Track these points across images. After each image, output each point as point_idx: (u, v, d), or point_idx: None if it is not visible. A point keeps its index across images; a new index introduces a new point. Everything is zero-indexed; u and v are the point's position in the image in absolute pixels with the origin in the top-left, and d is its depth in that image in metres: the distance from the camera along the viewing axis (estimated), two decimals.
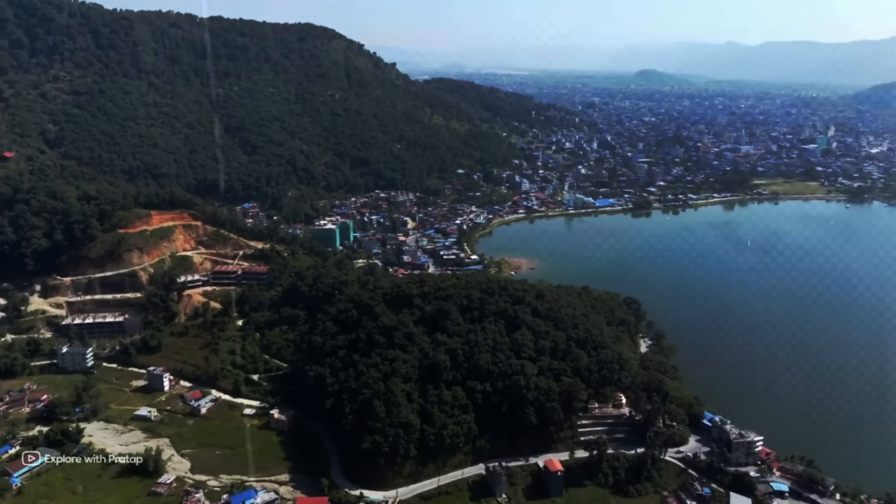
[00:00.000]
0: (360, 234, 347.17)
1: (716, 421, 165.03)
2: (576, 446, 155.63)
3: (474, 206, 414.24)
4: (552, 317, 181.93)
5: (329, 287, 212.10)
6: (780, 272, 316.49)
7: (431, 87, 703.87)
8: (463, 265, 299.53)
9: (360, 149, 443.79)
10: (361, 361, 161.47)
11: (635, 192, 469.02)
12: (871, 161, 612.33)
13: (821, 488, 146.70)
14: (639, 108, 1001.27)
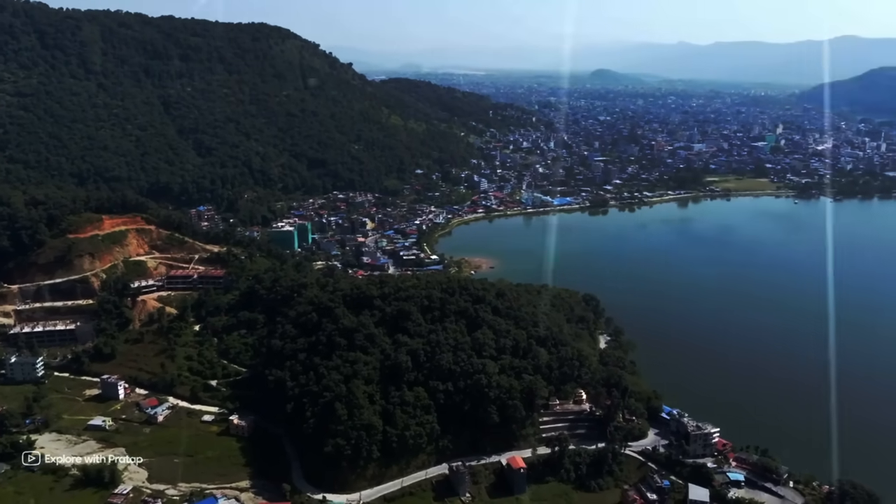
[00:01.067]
0: (319, 235, 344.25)
1: (674, 414, 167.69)
2: (538, 443, 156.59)
3: (433, 206, 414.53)
4: (513, 315, 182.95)
5: (288, 290, 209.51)
6: (734, 266, 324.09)
7: (388, 87, 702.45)
8: (423, 265, 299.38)
9: (317, 150, 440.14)
10: (322, 364, 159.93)
11: (592, 191, 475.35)
12: (817, 158, 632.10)
13: (775, 477, 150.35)
14: (594, 107, 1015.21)
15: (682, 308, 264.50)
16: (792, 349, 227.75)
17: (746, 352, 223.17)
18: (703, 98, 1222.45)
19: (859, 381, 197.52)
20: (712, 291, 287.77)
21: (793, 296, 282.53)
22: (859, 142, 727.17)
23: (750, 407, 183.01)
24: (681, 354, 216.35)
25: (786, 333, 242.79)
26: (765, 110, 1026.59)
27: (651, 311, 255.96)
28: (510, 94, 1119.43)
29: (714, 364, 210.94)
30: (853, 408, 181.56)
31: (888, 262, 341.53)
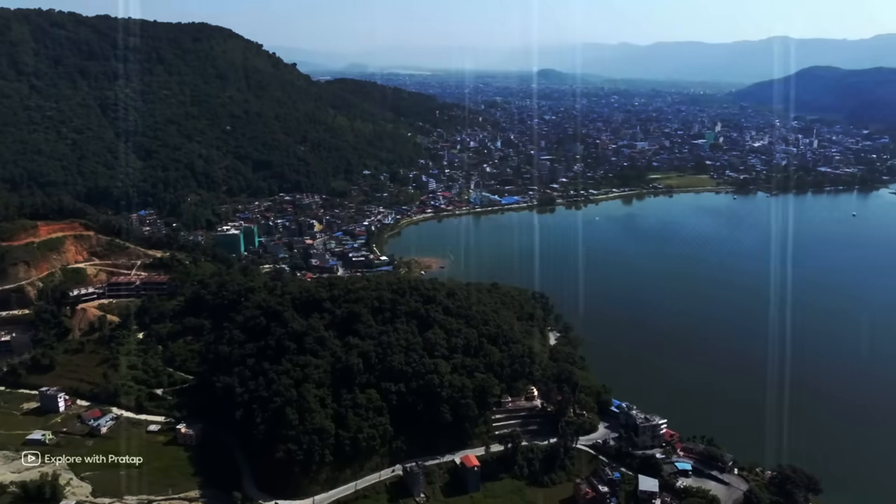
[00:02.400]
0: (266, 238, 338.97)
1: (623, 407, 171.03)
2: (491, 441, 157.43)
3: (382, 206, 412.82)
4: (463, 314, 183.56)
5: (235, 294, 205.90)
6: (677, 261, 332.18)
7: (334, 87, 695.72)
8: (372, 267, 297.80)
9: (262, 151, 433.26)
10: (272, 369, 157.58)
11: (539, 189, 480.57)
12: (754, 154, 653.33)
13: (721, 464, 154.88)
14: (540, 106, 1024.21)
15: (629, 303, 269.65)
16: (735, 340, 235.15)
17: (691, 343, 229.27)
18: (645, 97, 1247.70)
19: (800, 370, 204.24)
20: (657, 286, 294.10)
21: (734, 289, 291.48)
22: (793, 139, 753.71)
23: (696, 397, 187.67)
24: (628, 348, 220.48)
25: (729, 325, 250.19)
26: (704, 109, 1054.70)
27: (599, 306, 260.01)
28: (457, 94, 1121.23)
29: (660, 356, 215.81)
30: (795, 395, 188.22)
31: (825, 254, 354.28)
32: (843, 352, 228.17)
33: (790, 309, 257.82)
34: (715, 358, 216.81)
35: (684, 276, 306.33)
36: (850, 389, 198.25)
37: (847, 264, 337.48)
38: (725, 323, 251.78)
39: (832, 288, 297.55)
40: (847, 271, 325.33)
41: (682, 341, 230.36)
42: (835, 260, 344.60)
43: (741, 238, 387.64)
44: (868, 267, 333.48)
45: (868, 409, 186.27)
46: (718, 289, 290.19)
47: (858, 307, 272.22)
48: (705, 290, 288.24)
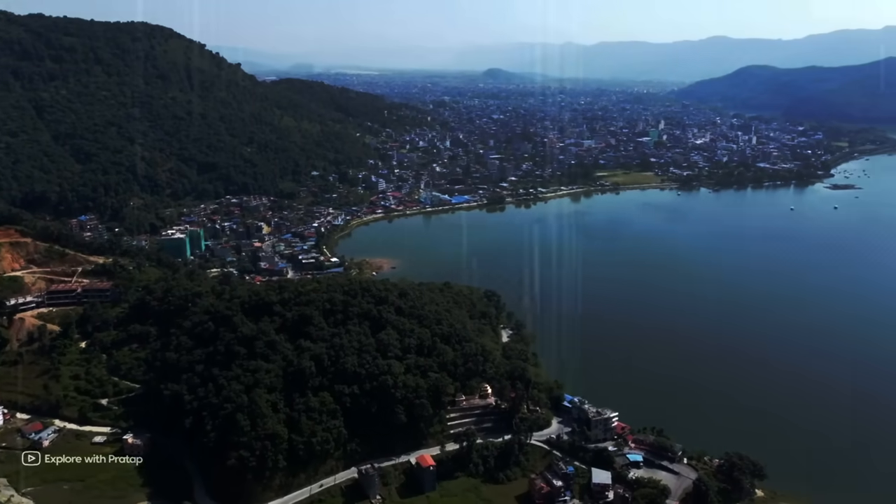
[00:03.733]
0: (213, 242, 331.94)
1: (575, 402, 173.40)
2: (446, 440, 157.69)
3: (331, 207, 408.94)
4: (416, 314, 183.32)
5: (181, 300, 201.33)
6: (624, 256, 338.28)
7: (280, 87, 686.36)
8: (323, 268, 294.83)
9: (207, 153, 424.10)
10: (221, 375, 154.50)
11: (489, 188, 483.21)
12: (696, 151, 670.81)
13: (671, 455, 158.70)
14: (488, 106, 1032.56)
15: (579, 299, 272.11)
16: (681, 330, 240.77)
17: (640, 336, 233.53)
18: (591, 96, 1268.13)
19: (744, 357, 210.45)
20: (605, 280, 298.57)
21: (682, 282, 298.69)
22: (733, 135, 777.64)
23: (645, 390, 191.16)
24: (580, 343, 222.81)
25: (675, 316, 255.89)
26: (648, 107, 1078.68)
27: (550, 302, 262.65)
28: (405, 94, 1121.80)
29: (610, 349, 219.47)
30: (739, 383, 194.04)
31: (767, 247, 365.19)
32: (789, 339, 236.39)
33: (735, 298, 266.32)
34: (664, 349, 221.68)
35: (633, 271, 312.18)
36: (792, 375, 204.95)
37: (789, 256, 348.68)
38: (672, 315, 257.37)
39: (775, 279, 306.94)
40: (789, 262, 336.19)
41: (632, 335, 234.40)
42: (776, 252, 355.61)
43: (686, 233, 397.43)
44: (807, 257, 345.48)
45: (808, 394, 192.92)
46: (666, 282, 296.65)
47: (801, 296, 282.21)
48: (653, 284, 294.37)
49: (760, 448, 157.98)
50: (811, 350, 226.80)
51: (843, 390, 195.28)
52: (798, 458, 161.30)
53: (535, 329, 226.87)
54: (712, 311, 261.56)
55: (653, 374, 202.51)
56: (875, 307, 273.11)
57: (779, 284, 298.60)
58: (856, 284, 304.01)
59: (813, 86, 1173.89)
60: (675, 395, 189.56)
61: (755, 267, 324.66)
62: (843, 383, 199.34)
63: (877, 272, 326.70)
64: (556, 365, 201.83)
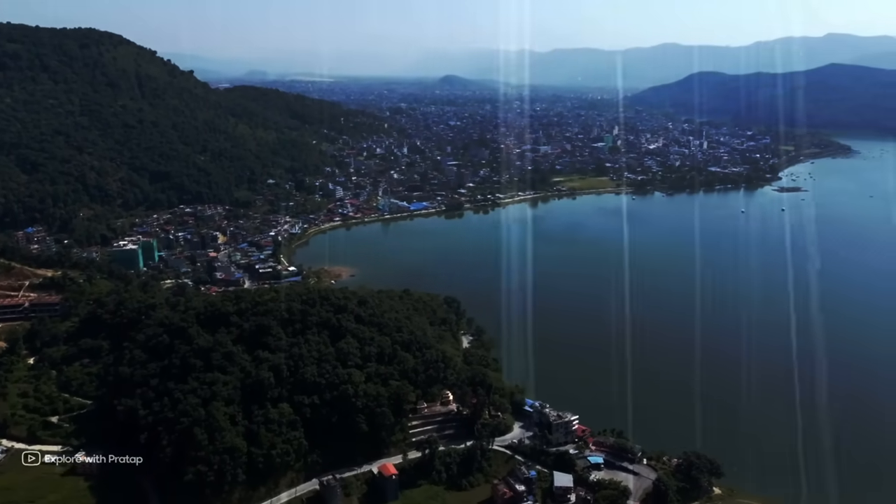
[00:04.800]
0: (166, 252, 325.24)
1: (536, 406, 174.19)
2: (408, 448, 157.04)
3: (288, 216, 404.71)
4: (376, 322, 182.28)
5: (134, 312, 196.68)
6: (581, 260, 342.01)
7: (234, 95, 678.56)
8: (280, 278, 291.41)
9: (159, 162, 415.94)
10: (177, 388, 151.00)
11: (447, 195, 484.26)
12: (650, 156, 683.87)
13: (630, 456, 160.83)
14: (444, 112, 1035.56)
15: (536, 302, 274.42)
16: (638, 332, 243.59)
17: (597, 339, 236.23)
18: (546, 102, 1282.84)
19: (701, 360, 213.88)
20: (563, 284, 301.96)
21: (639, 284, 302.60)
22: (685, 140, 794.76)
23: (604, 392, 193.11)
24: (540, 346, 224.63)
25: (633, 318, 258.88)
26: (602, 113, 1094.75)
27: (510, 307, 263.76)
28: (361, 101, 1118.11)
29: (569, 353, 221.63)
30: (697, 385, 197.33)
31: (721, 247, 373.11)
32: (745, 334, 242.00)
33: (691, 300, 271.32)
34: (620, 352, 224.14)
35: (589, 276, 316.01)
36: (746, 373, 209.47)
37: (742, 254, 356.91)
38: (630, 317, 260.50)
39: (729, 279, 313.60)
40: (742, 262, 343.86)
41: (587, 338, 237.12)
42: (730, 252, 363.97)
43: (642, 236, 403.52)
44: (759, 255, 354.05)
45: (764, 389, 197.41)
46: (623, 284, 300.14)
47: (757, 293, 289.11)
48: (606, 287, 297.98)
49: (718, 446, 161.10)
50: (768, 345, 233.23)
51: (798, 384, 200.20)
52: (754, 455, 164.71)
53: (496, 334, 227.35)
54: (671, 310, 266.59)
55: (612, 375, 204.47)
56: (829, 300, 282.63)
57: (734, 282, 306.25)
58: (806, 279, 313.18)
59: (760, 91, 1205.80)
60: (635, 396, 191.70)
61: (711, 266, 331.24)
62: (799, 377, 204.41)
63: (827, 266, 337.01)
64: (517, 369, 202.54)
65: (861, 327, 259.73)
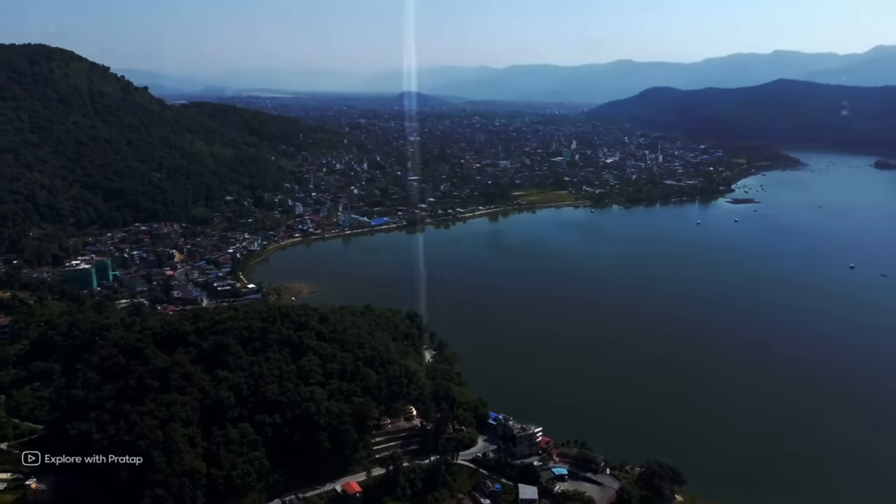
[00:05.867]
0: (121, 271, 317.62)
1: (500, 419, 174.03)
2: (372, 465, 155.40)
3: (247, 233, 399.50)
4: (338, 339, 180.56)
5: (88, 333, 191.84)
6: (541, 274, 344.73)
7: (190, 111, 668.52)
8: (240, 295, 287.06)
9: (113, 180, 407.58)
10: (133, 410, 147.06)
11: (408, 210, 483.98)
12: (607, 170, 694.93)
13: (594, 466, 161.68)
14: (404, 128, 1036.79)
15: (497, 315, 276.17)
16: (596, 342, 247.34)
17: (559, 350, 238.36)
18: (505, 118, 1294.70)
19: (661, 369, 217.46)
20: (523, 297, 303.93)
21: (598, 294, 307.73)
22: (641, 154, 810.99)
23: (566, 404, 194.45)
24: (503, 359, 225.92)
25: (591, 329, 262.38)
26: (559, 128, 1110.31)
27: (471, 321, 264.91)
28: (320, 117, 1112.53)
29: (532, 365, 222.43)
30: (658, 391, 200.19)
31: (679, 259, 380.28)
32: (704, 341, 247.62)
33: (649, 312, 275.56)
34: (582, 363, 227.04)
35: (549, 288, 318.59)
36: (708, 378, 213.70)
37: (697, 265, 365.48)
38: (588, 328, 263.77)
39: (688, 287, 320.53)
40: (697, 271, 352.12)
41: (549, 350, 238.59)
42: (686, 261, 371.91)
43: (602, 249, 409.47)
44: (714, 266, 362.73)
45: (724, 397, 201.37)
46: (578, 298, 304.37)
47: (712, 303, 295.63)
48: (567, 299, 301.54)
49: (680, 454, 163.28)
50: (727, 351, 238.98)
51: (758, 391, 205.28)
52: (716, 462, 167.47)
53: (458, 348, 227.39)
54: (634, 319, 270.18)
55: (574, 386, 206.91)
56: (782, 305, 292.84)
57: (692, 290, 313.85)
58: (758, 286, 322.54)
59: (712, 106, 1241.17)
60: (597, 406, 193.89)
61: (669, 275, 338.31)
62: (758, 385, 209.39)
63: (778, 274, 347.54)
64: (480, 383, 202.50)
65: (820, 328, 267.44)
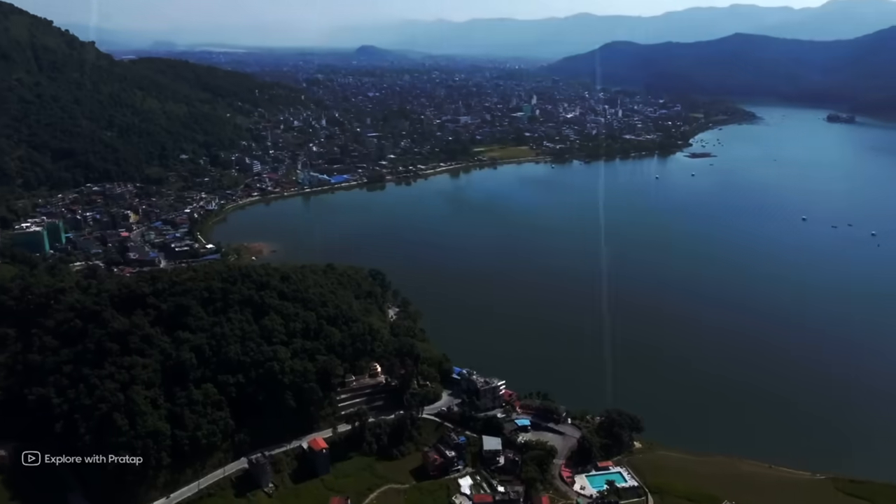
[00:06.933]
0: (74, 234, 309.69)
1: (463, 373, 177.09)
2: (338, 421, 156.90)
3: (204, 192, 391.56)
4: (300, 298, 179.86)
5: (42, 297, 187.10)
6: (502, 229, 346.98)
7: (140, 67, 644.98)
8: (198, 256, 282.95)
9: (61, 139, 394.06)
10: (93, 374, 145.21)
11: (368, 167, 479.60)
12: (567, 125, 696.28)
13: (556, 416, 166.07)
14: (362, 83, 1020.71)
15: (459, 271, 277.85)
16: (561, 294, 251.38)
17: (522, 303, 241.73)
18: (465, 73, 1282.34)
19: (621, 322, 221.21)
20: (484, 253, 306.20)
21: (558, 250, 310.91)
22: (601, 109, 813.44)
23: (529, 356, 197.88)
24: (465, 315, 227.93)
25: (555, 283, 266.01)
26: (520, 83, 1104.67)
27: (433, 277, 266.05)
28: (276, 73, 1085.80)
29: (493, 319, 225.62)
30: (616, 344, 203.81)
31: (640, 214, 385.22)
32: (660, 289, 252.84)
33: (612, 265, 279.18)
34: (543, 315, 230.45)
35: (509, 243, 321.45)
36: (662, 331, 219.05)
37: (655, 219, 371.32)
38: (552, 282, 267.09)
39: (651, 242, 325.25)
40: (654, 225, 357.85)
41: (511, 303, 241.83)
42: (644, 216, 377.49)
43: (563, 204, 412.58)
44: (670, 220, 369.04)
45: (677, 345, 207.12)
46: (539, 252, 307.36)
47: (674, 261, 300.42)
48: (528, 254, 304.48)
49: (639, 403, 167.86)
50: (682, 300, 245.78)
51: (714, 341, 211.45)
52: (672, 410, 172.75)
53: (421, 305, 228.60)
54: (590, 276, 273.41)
55: (535, 338, 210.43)
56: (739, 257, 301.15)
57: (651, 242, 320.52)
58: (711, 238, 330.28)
59: (671, 61, 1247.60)
60: (559, 359, 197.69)
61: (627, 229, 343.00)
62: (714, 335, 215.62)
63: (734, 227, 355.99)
64: (444, 338, 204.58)
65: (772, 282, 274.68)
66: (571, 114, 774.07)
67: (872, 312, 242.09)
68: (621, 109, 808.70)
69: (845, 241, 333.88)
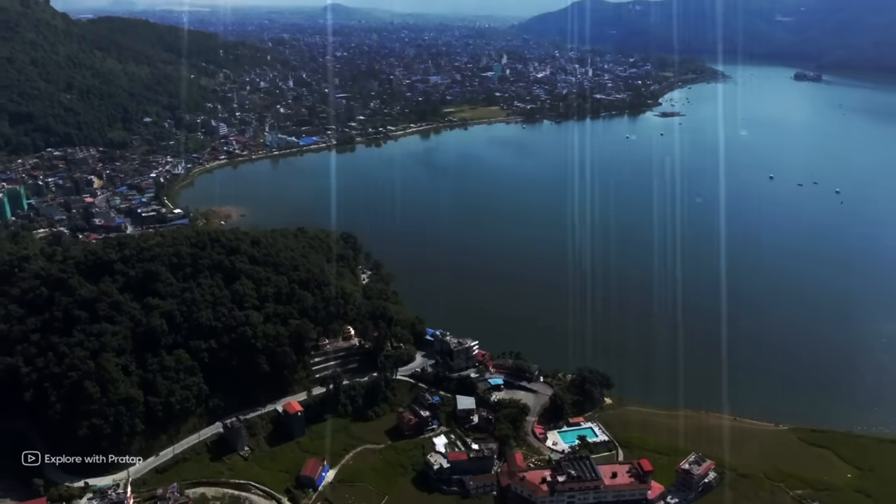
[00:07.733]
0: (36, 200, 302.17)
1: (437, 335, 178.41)
2: (312, 384, 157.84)
3: (170, 156, 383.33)
4: (271, 262, 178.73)
5: (6, 265, 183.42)
6: (475, 192, 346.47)
7: (99, 26, 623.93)
8: (166, 221, 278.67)
9: (19, 102, 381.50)
10: (62, 342, 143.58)
11: (337, 129, 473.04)
12: (538, 85, 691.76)
13: (528, 375, 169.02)
14: (330, 43, 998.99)
15: (431, 234, 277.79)
16: (533, 255, 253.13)
17: (494, 265, 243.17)
18: (434, 31, 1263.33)
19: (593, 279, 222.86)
20: (458, 217, 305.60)
21: (530, 211, 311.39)
22: (571, 68, 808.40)
23: (501, 316, 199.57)
24: (435, 277, 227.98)
25: (526, 242, 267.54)
26: (490, 42, 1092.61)
27: (405, 240, 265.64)
28: (240, 32, 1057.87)
29: (467, 280, 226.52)
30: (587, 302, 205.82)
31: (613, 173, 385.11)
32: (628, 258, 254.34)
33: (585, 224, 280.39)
34: (516, 275, 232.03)
35: (481, 204, 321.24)
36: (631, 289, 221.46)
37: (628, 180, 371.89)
38: (524, 242, 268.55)
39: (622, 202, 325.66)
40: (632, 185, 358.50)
41: (482, 265, 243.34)
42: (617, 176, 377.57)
43: (533, 166, 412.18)
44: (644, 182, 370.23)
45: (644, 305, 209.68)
46: (510, 213, 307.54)
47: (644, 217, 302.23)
48: (499, 215, 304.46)
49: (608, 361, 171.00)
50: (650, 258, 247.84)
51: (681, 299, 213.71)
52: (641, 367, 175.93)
53: (394, 267, 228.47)
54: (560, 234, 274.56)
55: (508, 299, 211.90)
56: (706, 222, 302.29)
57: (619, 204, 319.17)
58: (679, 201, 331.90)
59: (640, 19, 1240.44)
60: (531, 319, 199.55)
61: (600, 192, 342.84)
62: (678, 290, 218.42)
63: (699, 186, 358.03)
64: (417, 301, 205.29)
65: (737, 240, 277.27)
66: (542, 73, 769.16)
67: (834, 271, 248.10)
68: (592, 69, 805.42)
69: (811, 198, 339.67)
